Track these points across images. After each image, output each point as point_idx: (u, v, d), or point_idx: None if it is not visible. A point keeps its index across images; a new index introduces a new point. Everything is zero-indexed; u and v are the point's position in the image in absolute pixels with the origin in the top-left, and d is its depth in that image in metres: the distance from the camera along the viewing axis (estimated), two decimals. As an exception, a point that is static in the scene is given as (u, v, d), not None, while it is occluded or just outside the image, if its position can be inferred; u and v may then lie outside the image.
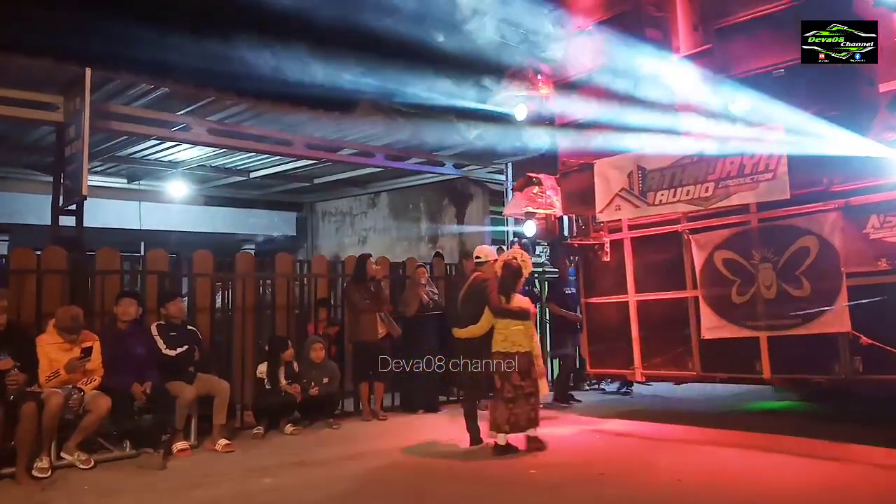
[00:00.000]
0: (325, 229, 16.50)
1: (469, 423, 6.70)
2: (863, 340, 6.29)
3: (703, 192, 7.10)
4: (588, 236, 8.25)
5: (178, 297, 7.20)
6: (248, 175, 13.12)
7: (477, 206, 13.59)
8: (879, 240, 6.27)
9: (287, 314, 8.69)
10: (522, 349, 6.32)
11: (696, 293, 7.48)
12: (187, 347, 6.80)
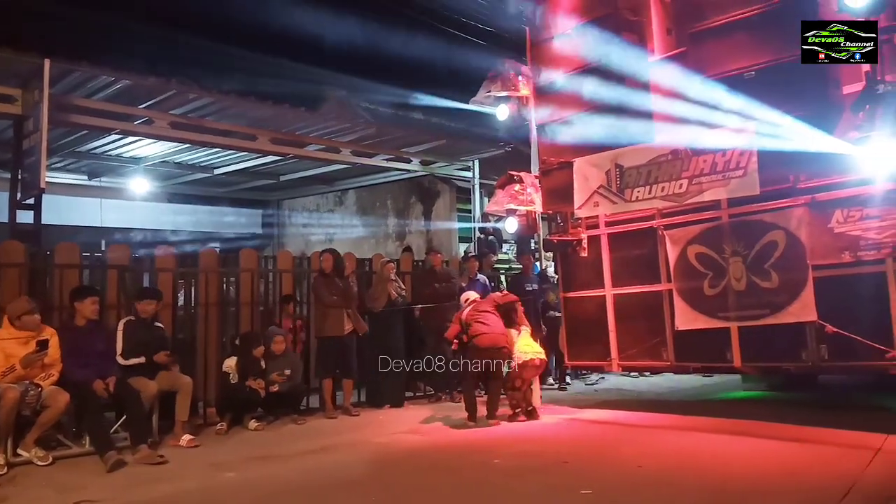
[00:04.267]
0: (292, 227, 16.36)
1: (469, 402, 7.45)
2: (828, 329, 6.64)
3: (677, 189, 7.36)
4: (567, 232, 8.46)
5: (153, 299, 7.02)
6: (212, 172, 12.92)
7: (444, 203, 13.70)
8: (843, 233, 6.63)
9: (252, 310, 8.63)
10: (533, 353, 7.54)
11: (670, 286, 7.76)
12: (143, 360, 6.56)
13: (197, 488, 5.16)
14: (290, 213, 16.42)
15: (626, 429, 7.08)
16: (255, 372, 7.53)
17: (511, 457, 5.89)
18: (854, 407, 7.41)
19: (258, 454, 6.20)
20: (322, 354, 8.31)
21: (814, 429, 6.22)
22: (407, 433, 7.09)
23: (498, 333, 7.45)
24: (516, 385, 7.59)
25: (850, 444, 5.61)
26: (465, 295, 8.13)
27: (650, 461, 5.52)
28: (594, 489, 4.69)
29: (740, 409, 7.66)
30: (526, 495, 4.79)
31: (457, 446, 6.48)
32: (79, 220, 12.64)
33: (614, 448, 6.16)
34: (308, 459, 6.02)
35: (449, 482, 5.21)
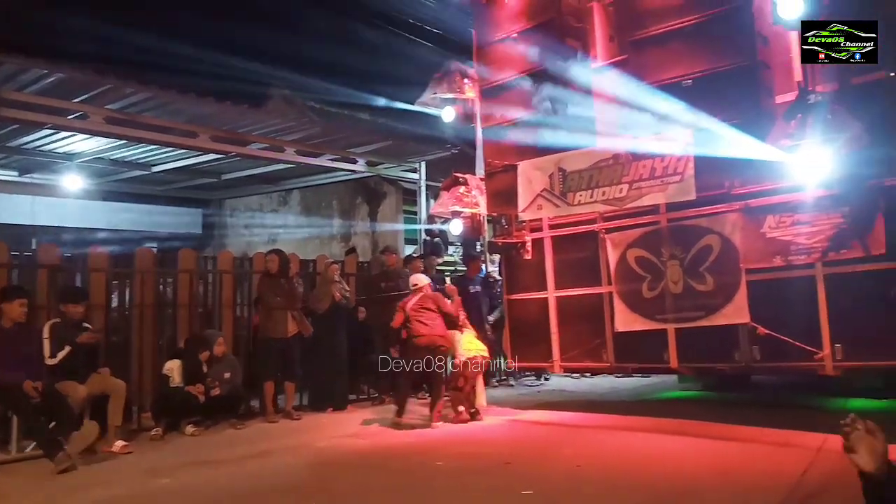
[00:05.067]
0: (234, 227, 16.02)
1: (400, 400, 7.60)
2: (760, 331, 6.86)
3: (617, 193, 7.50)
4: (511, 235, 8.53)
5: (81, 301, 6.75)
6: (150, 169, 12.56)
7: (390, 204, 13.66)
8: (775, 238, 6.86)
9: (190, 312, 8.43)
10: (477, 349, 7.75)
11: (610, 289, 7.90)
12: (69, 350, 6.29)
13: (129, 495, 5.03)
14: (232, 213, 16.09)
15: (567, 429, 7.17)
16: (199, 376, 7.34)
17: (454, 458, 5.90)
18: (785, 406, 7.68)
19: (195, 460, 6.06)
20: (264, 357, 8.16)
21: (748, 428, 6.39)
22: (349, 436, 7.03)
23: (437, 334, 7.51)
24: (459, 385, 7.63)
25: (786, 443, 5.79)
26: (414, 278, 8.04)
27: (590, 461, 5.61)
28: (535, 490, 4.73)
29: (677, 409, 7.85)
30: (468, 497, 4.81)
31: (400, 449, 6.45)
32: (9, 219, 12.14)
33: (556, 448, 6.22)
34: (247, 464, 5.90)
35: (391, 485, 5.18)
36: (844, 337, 6.38)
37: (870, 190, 6.20)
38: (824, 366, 6.47)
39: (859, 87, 6.24)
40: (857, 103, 6.04)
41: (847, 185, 6.11)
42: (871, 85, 6.27)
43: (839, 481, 3.34)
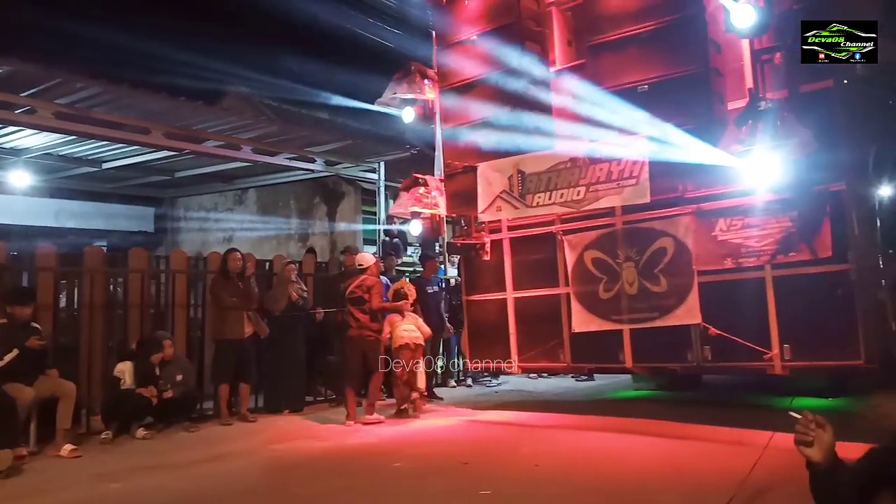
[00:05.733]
0: (188, 226, 15.70)
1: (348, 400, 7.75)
2: (711, 331, 7.02)
3: (575, 196, 7.59)
4: (470, 236, 8.56)
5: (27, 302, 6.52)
6: (100, 166, 12.21)
7: (349, 204, 13.58)
8: (726, 241, 7.03)
9: (141, 313, 8.23)
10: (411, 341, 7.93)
11: (567, 290, 8.00)
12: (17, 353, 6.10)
13: (78, 501, 4.91)
14: (186, 212, 15.76)
15: (524, 429, 7.23)
16: (151, 378, 7.18)
17: (411, 459, 5.89)
18: (736, 405, 7.87)
19: (146, 464, 5.92)
20: (219, 358, 8.01)
21: (700, 426, 6.52)
22: (306, 439, 6.96)
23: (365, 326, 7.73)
24: (396, 371, 7.81)
25: (736, 441, 5.90)
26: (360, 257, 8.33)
27: (547, 460, 5.66)
28: (493, 489, 4.76)
29: (631, 408, 7.99)
30: (426, 497, 4.81)
31: (357, 450, 6.41)
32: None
33: (513, 448, 6.27)
34: (200, 468, 5.79)
35: (348, 487, 5.15)
36: (792, 337, 6.57)
37: (817, 195, 6.40)
38: (773, 365, 6.66)
39: (808, 94, 6.45)
40: (805, 110, 6.23)
41: (795, 189, 6.29)
42: (819, 93, 6.49)
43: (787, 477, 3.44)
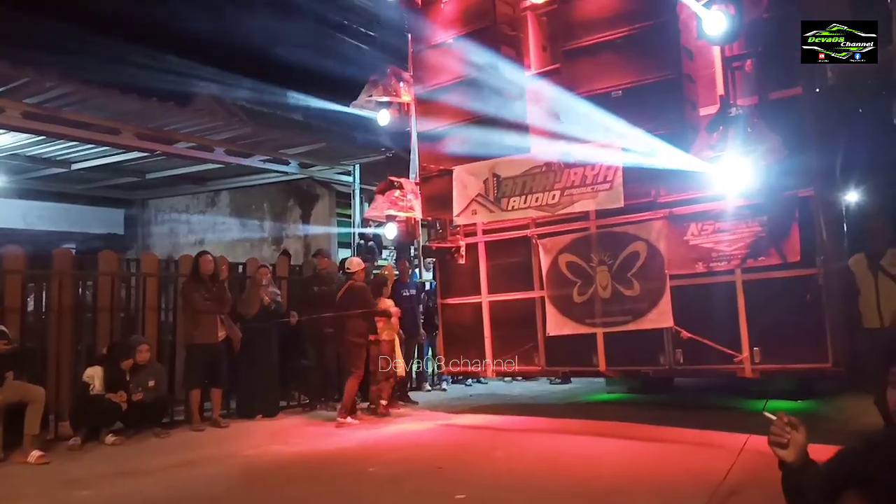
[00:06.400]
0: (159, 228, 15.45)
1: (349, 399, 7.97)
2: (683, 335, 7.12)
3: (550, 200, 7.63)
4: (445, 239, 8.57)
5: None
6: (69, 167, 11.96)
7: (323, 207, 13.48)
8: (697, 246, 7.13)
9: (111, 317, 8.09)
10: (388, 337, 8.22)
11: (542, 294, 8.03)
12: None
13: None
14: (157, 214, 15.52)
15: (499, 433, 7.23)
16: (121, 384, 7.05)
17: (386, 464, 5.85)
18: (707, 408, 7.96)
19: (116, 470, 5.81)
20: (191, 363, 7.88)
21: (672, 429, 6.59)
22: (279, 444, 6.88)
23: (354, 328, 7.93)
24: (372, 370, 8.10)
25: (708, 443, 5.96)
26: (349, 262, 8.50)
27: (522, 464, 5.68)
28: (468, 493, 4.75)
29: (605, 412, 8.04)
30: (401, 502, 4.78)
31: (331, 456, 6.36)
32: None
33: (488, 452, 6.26)
34: (170, 474, 5.70)
35: (322, 493, 5.11)
36: (762, 341, 6.69)
37: (786, 200, 6.52)
38: (743, 368, 6.77)
39: (777, 101, 6.57)
40: (775, 117, 6.34)
41: (765, 195, 6.40)
42: (789, 100, 6.63)
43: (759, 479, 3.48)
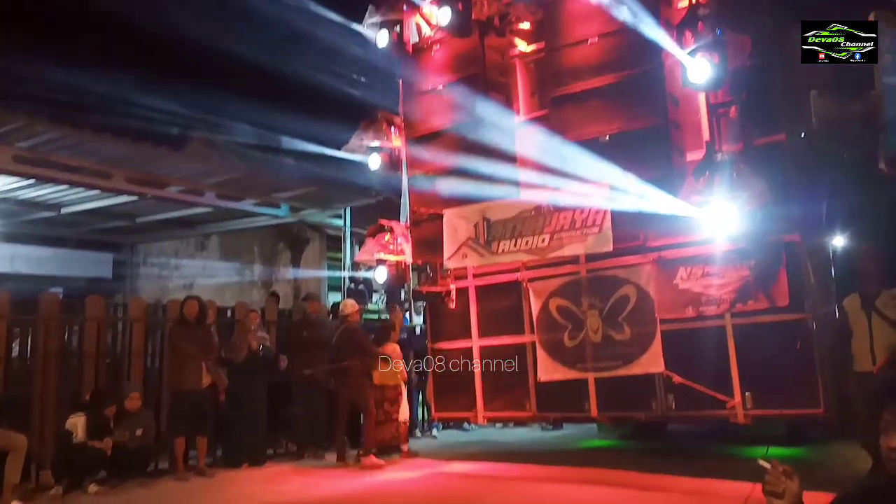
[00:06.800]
0: (147, 272, 15.37)
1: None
2: (675, 380, 7.06)
3: (540, 243, 7.65)
4: (436, 283, 8.55)
5: None
6: (59, 210, 11.96)
7: (313, 250, 13.49)
8: (687, 289, 7.14)
9: (97, 363, 7.97)
10: (392, 383, 8.35)
11: (533, 338, 7.98)
12: None
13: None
14: (146, 258, 15.46)
15: (490, 481, 7.09)
16: (104, 431, 6.90)
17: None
18: (700, 454, 7.84)
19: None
20: (175, 410, 7.74)
21: (665, 476, 6.46)
22: (265, 494, 6.71)
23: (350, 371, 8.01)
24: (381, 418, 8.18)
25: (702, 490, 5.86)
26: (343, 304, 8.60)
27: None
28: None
29: (598, 458, 7.90)
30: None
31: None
32: None
33: (479, 501, 6.14)
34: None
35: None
36: (754, 386, 6.64)
37: (773, 245, 6.56)
38: (736, 414, 6.70)
39: (762, 148, 6.66)
40: (759, 163, 6.42)
41: (752, 239, 6.44)
42: (772, 146, 6.73)
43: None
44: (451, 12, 7.85)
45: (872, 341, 5.71)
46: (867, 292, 5.89)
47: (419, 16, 8.64)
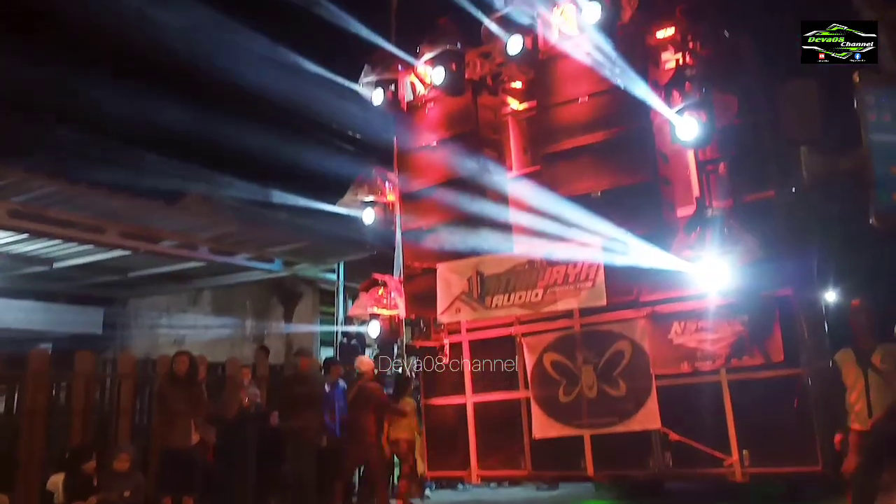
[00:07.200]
0: (138, 328, 15.21)
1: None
2: (672, 437, 6.96)
3: (533, 298, 7.65)
4: (429, 338, 8.49)
5: None
6: (51, 265, 11.89)
7: (306, 304, 13.42)
8: (681, 345, 7.10)
9: (84, 419, 7.82)
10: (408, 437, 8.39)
11: (527, 394, 7.89)
12: None
13: None
14: (137, 313, 15.33)
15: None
16: (86, 490, 6.70)
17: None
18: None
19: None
20: (163, 469, 7.54)
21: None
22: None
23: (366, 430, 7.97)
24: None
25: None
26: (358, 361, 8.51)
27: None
28: None
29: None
30: None
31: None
32: None
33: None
34: None
35: None
36: (751, 443, 6.55)
37: (766, 300, 6.57)
38: (734, 472, 6.58)
39: (750, 204, 6.75)
40: (749, 219, 6.50)
41: (745, 294, 6.46)
42: (761, 203, 6.81)
43: None
44: (444, 72, 8.03)
45: (869, 398, 5.63)
46: (861, 347, 5.85)
47: (413, 75, 8.83)
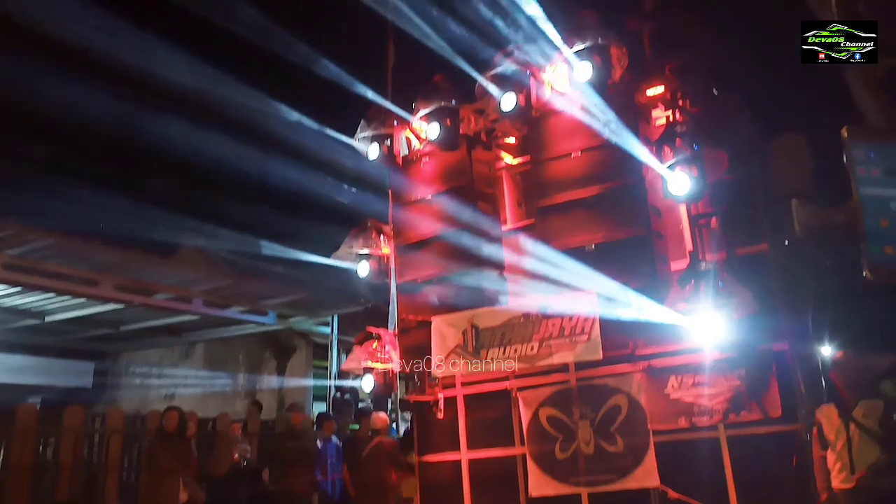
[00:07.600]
0: (129, 382, 15.02)
1: None
2: (671, 494, 6.81)
3: (529, 351, 7.57)
4: (424, 392, 8.39)
5: None
6: (43, 318, 11.82)
7: (300, 358, 13.32)
8: (678, 399, 7.03)
9: (72, 475, 7.65)
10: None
11: (523, 450, 7.74)
12: None
13: None
14: (129, 366, 15.16)
15: None
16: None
17: None
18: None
19: None
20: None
21: None
22: None
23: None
24: None
25: None
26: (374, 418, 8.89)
27: None
28: None
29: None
30: None
31: None
32: None
33: None
34: None
35: None
36: (750, 500, 6.42)
37: (762, 354, 6.55)
38: (736, 531, 6.43)
39: (744, 257, 6.78)
40: (743, 272, 6.52)
41: (741, 349, 6.42)
42: (755, 256, 6.85)
43: None
44: (439, 128, 8.16)
45: (852, 456, 5.51)
46: (843, 403, 5.77)
47: (409, 130, 8.97)
